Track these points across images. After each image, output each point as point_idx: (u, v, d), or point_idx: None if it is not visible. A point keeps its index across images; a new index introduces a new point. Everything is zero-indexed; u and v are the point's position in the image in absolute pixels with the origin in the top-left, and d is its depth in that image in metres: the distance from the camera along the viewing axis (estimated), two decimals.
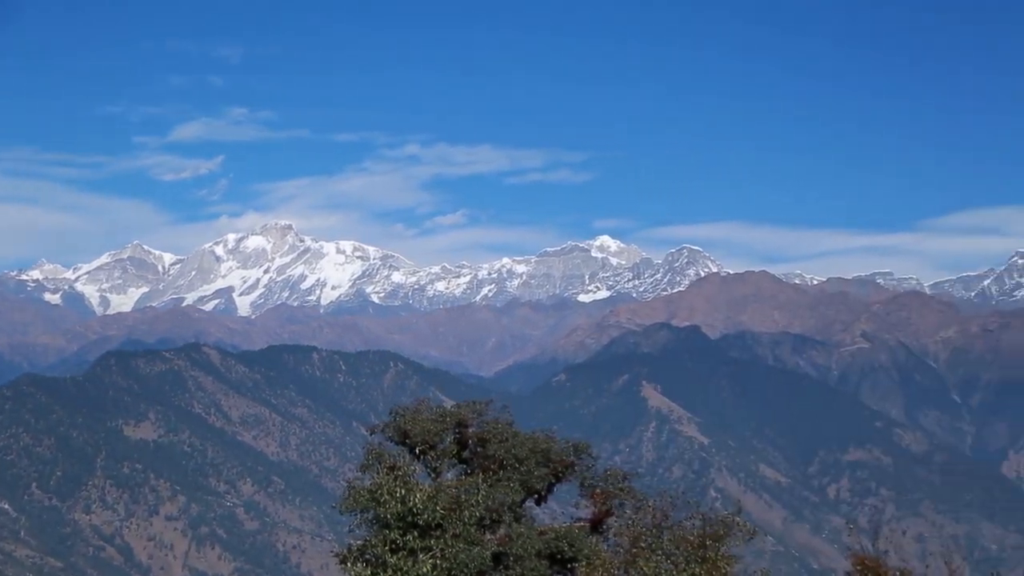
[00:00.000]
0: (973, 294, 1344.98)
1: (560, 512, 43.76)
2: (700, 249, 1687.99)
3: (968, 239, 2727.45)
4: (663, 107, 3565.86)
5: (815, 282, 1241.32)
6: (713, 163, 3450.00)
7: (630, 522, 38.44)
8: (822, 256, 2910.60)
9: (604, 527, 41.00)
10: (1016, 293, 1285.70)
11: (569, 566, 38.24)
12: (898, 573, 32.33)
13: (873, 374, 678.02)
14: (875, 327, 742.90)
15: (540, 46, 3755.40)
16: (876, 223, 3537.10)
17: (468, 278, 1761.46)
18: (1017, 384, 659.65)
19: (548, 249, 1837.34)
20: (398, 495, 33.91)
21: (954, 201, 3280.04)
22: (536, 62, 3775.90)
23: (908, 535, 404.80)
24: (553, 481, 42.68)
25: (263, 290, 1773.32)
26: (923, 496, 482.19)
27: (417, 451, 41.78)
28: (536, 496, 42.55)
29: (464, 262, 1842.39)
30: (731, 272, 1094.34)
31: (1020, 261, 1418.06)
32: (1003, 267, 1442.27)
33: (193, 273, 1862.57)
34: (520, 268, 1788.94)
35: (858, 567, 32.80)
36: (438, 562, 32.68)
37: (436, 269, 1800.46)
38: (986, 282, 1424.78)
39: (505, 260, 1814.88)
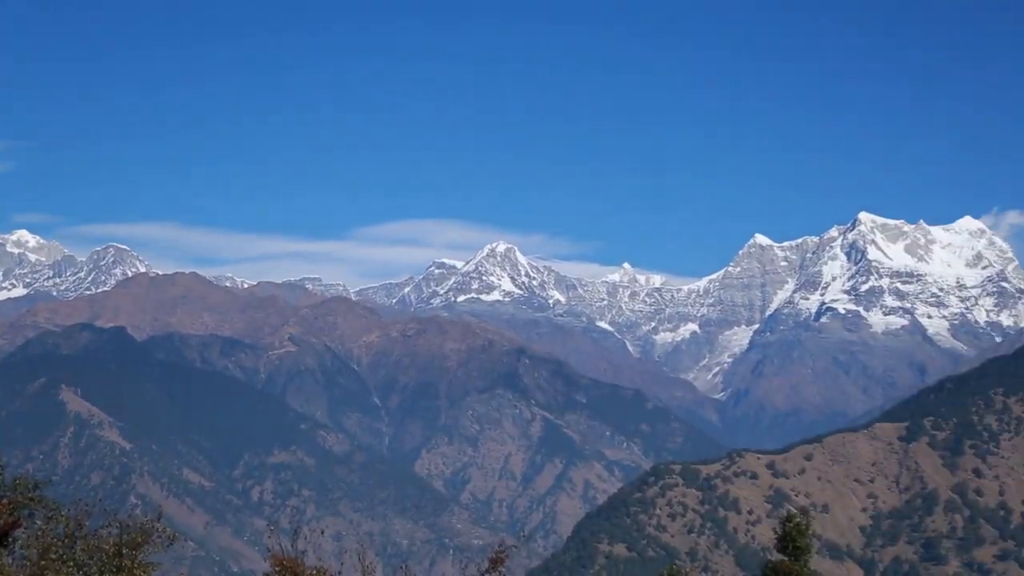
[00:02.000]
0: (395, 301, 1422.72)
1: None
2: (128, 248, 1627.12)
3: (392, 248, 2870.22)
4: (91, 104, 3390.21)
5: (246, 285, 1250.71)
6: (143, 162, 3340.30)
7: (40, 533, 36.68)
8: (255, 260, 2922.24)
9: (11, 539, 38.66)
10: (432, 301, 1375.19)
11: None
12: (315, 572, 33.42)
13: (299, 377, 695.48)
14: (302, 331, 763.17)
15: None
16: (308, 230, 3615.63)
17: None
18: (430, 386, 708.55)
19: None
20: None
21: (381, 212, 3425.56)
22: None
23: (327, 534, 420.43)
24: None
25: None
26: (342, 495, 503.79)
27: None
28: None
29: None
30: (160, 273, 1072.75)
31: (436, 271, 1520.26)
32: (421, 276, 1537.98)
33: None
34: None
35: (277, 568, 33.46)
36: None
37: None
38: (406, 290, 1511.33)
39: None
